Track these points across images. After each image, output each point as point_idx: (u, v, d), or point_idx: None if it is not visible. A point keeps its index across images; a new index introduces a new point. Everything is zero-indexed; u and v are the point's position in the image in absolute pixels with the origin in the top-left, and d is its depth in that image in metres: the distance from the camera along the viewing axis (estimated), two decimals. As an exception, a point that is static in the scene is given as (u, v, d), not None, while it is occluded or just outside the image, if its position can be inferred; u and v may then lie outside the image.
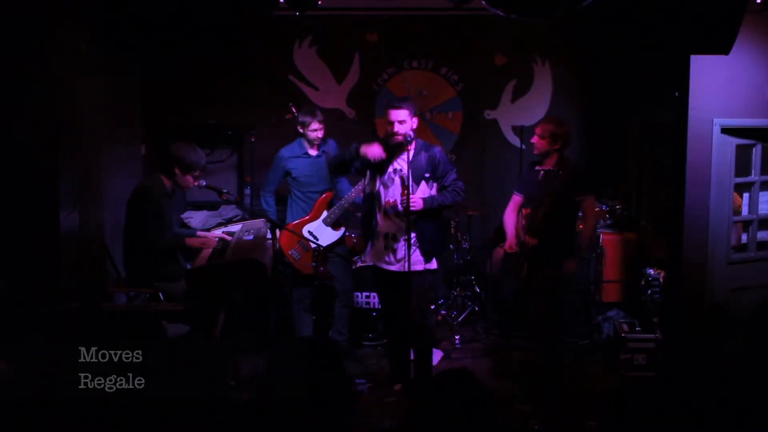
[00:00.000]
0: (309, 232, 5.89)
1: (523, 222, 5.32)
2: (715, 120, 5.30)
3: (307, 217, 5.92)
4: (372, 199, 5.18)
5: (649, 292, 5.87)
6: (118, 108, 6.34)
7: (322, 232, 5.92)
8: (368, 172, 5.17)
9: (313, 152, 5.96)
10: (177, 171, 5.09)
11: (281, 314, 6.20)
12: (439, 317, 6.72)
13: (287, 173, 5.97)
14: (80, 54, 5.24)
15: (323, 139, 5.98)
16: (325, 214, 5.95)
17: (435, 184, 5.11)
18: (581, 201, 5.19)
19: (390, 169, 5.11)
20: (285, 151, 5.99)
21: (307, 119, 5.86)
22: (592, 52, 7.18)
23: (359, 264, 6.33)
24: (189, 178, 5.13)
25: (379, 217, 5.17)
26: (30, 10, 4.78)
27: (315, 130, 5.87)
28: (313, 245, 5.82)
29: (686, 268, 5.41)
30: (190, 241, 5.29)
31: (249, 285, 5.90)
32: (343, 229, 6.01)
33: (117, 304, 5.53)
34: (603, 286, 6.48)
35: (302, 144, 5.94)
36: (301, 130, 5.90)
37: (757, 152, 5.61)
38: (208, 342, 4.63)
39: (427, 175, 5.06)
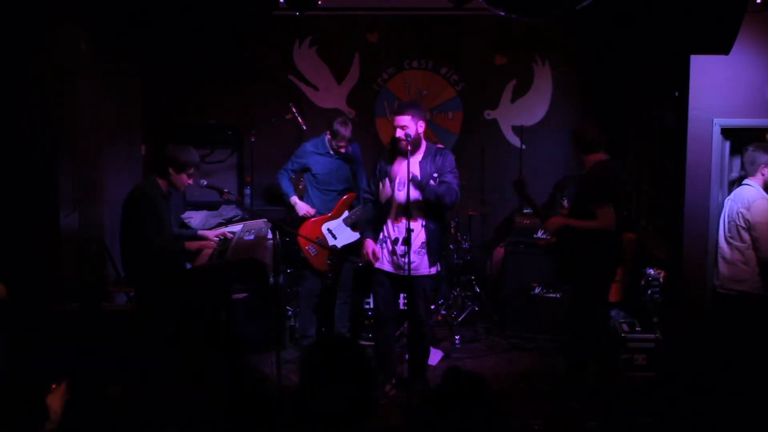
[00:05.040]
0: (328, 229, 5.93)
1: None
2: (715, 120, 5.30)
3: (329, 215, 5.95)
4: (387, 204, 5.23)
5: (649, 292, 5.86)
6: (118, 108, 6.34)
7: (341, 232, 5.95)
8: (386, 180, 5.22)
9: (333, 152, 5.99)
10: (171, 171, 5.09)
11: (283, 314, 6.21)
12: (439, 317, 6.72)
13: (307, 168, 5.99)
14: (80, 54, 5.24)
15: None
16: (346, 214, 5.97)
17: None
18: (595, 210, 4.92)
19: (400, 174, 5.15)
20: (309, 145, 6.02)
21: (341, 132, 5.83)
22: (592, 52, 7.18)
23: (359, 264, 6.34)
24: (184, 176, 5.13)
25: (389, 222, 5.23)
26: (30, 10, 4.78)
27: (341, 146, 5.90)
28: (330, 243, 5.86)
29: (686, 268, 5.41)
30: (189, 245, 5.29)
31: (249, 285, 5.93)
32: None
33: (117, 304, 5.54)
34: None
35: (325, 143, 5.96)
36: (328, 136, 5.90)
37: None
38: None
39: (435, 175, 5.12)
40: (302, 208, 5.96)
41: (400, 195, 5.15)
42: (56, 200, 4.93)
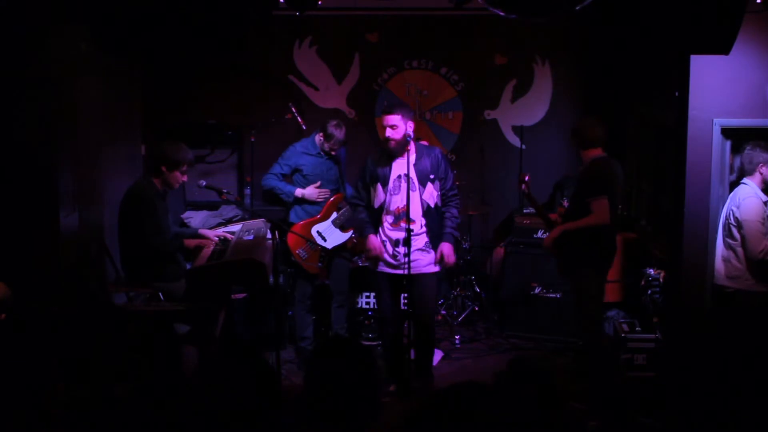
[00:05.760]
0: (318, 232, 5.91)
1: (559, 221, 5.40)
2: (715, 120, 5.29)
3: (317, 217, 5.94)
4: (380, 209, 5.22)
5: (649, 292, 5.87)
6: (118, 108, 6.34)
7: (331, 233, 5.94)
8: (378, 184, 5.20)
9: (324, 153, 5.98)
10: (164, 169, 5.12)
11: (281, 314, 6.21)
12: (439, 317, 6.72)
13: (297, 169, 5.97)
14: (80, 54, 5.23)
15: None
16: (334, 215, 5.96)
17: (438, 183, 5.17)
18: (590, 202, 5.05)
19: (394, 176, 5.14)
20: (299, 146, 6.02)
21: (335, 135, 5.83)
22: (592, 52, 7.19)
23: (359, 264, 6.34)
24: (177, 174, 5.15)
25: (387, 225, 5.21)
26: (30, 10, 4.78)
27: (334, 149, 5.90)
28: (320, 245, 5.85)
29: (686, 268, 5.41)
30: (188, 242, 5.30)
31: (249, 285, 5.92)
32: (351, 232, 6.02)
33: (117, 304, 5.53)
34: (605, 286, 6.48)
35: (315, 144, 5.95)
36: (321, 138, 5.89)
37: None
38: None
39: (432, 176, 5.13)
40: (311, 192, 5.91)
41: (396, 199, 5.14)
42: (56, 200, 4.92)
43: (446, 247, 5.16)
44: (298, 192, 5.94)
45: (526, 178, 5.48)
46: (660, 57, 5.90)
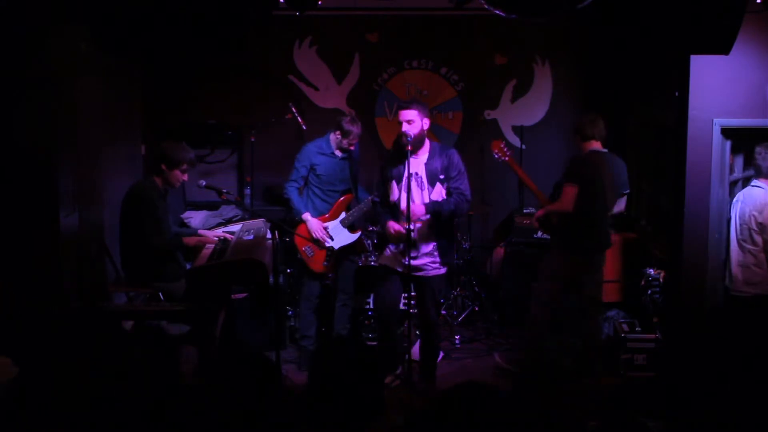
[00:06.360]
0: (325, 230, 5.91)
1: None
2: (715, 120, 5.30)
3: (326, 216, 5.93)
4: (396, 206, 5.19)
5: (649, 292, 5.88)
6: (118, 108, 6.34)
7: (339, 233, 5.93)
8: (392, 181, 5.18)
9: (338, 153, 5.95)
10: (164, 167, 5.13)
11: (282, 314, 6.21)
12: (440, 317, 6.71)
13: (311, 168, 5.94)
14: (80, 54, 5.24)
15: None
16: (343, 215, 5.95)
17: (447, 185, 5.16)
18: (562, 188, 5.31)
19: (406, 174, 5.08)
20: (312, 146, 5.97)
21: (353, 131, 5.81)
22: (592, 52, 7.19)
23: (359, 263, 6.34)
24: (177, 173, 5.16)
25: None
26: (30, 10, 4.78)
27: (353, 144, 5.88)
28: (327, 244, 5.84)
29: (686, 268, 5.42)
30: (188, 240, 5.30)
31: (249, 285, 5.93)
32: (359, 233, 6.01)
33: (117, 304, 5.54)
34: (603, 286, 6.48)
35: (330, 143, 5.93)
36: (338, 136, 5.86)
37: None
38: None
39: (441, 177, 5.11)
40: (315, 225, 5.83)
41: (406, 196, 5.12)
42: (56, 200, 4.92)
43: (418, 206, 5.02)
44: (306, 216, 5.84)
45: (501, 145, 5.58)
46: (660, 57, 5.91)
